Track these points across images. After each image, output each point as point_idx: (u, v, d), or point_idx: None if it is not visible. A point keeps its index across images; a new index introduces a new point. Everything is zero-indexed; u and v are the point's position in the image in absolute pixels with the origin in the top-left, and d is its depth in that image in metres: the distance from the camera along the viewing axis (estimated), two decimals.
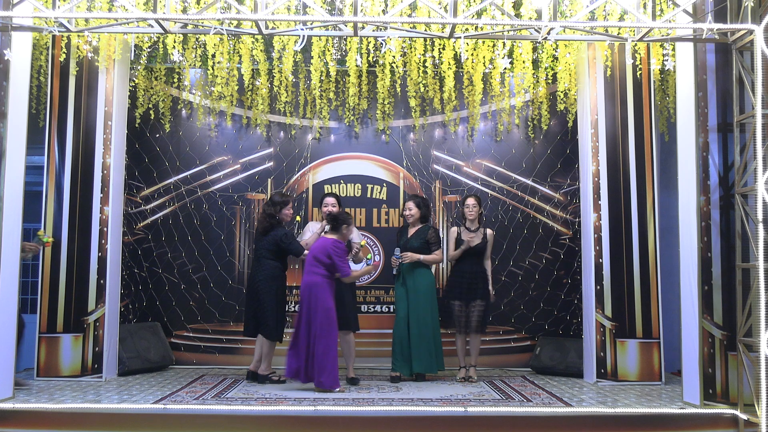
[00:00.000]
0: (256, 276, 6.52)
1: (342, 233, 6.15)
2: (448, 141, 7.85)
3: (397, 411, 5.18)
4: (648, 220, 6.71)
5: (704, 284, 5.52)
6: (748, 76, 5.33)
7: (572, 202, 7.67)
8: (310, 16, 5.76)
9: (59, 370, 6.49)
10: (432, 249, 6.65)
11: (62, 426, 5.01)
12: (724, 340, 5.46)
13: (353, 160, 7.86)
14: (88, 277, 6.59)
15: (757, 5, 5.31)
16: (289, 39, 6.55)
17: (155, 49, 7.01)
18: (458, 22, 5.41)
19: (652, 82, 6.77)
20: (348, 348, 6.46)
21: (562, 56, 6.84)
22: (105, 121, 6.71)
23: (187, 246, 7.67)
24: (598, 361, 6.64)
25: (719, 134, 5.59)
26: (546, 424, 5.10)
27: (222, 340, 7.63)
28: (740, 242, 5.37)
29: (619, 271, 6.70)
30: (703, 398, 5.47)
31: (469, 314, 6.60)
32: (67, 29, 5.60)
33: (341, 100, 7.67)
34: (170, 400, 5.57)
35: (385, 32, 5.96)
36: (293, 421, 5.09)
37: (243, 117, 7.79)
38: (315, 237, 6.51)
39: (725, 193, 5.54)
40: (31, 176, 6.29)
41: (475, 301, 6.60)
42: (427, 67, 6.94)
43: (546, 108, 7.56)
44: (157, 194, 7.69)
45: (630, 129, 6.77)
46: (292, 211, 6.77)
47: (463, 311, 6.61)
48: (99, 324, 6.59)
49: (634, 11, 5.45)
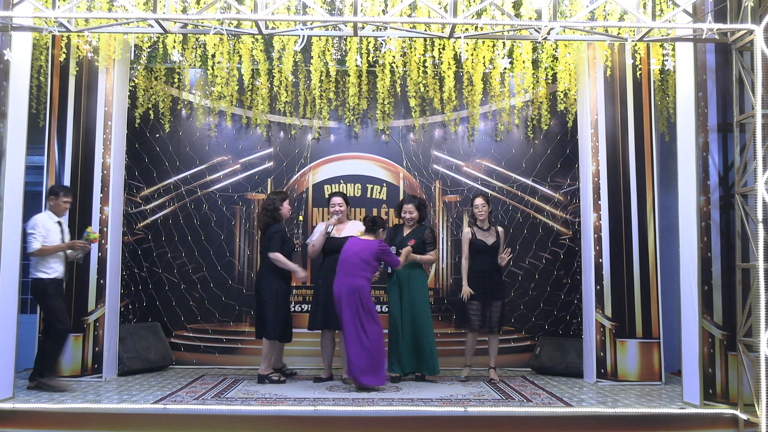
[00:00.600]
0: (258, 274, 6.63)
1: (378, 235, 6.29)
2: (448, 141, 7.85)
3: (397, 411, 5.18)
4: (648, 220, 6.71)
5: (704, 284, 5.53)
6: (748, 76, 5.33)
7: (572, 202, 7.67)
8: (310, 16, 5.76)
9: (59, 370, 6.47)
10: (427, 249, 6.64)
11: (62, 426, 5.01)
12: (724, 340, 5.46)
13: (353, 160, 7.86)
14: (88, 277, 6.59)
15: (757, 5, 5.32)
16: (289, 39, 6.55)
17: (155, 49, 7.02)
18: (458, 22, 5.41)
19: (652, 82, 6.77)
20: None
21: (562, 56, 6.84)
22: (105, 121, 6.71)
23: (187, 246, 7.67)
24: (598, 361, 6.64)
25: (719, 134, 5.59)
26: (546, 424, 5.10)
27: (222, 340, 7.63)
28: (740, 242, 5.37)
29: (619, 271, 6.70)
30: (703, 398, 5.47)
31: (490, 314, 6.58)
32: (67, 29, 5.60)
33: (341, 100, 7.67)
34: (170, 400, 5.57)
35: (385, 32, 5.96)
36: (293, 421, 5.09)
37: (243, 117, 7.79)
38: (321, 238, 6.56)
39: (725, 193, 5.54)
40: (31, 176, 6.29)
41: (495, 301, 6.59)
42: (427, 67, 6.95)
43: (546, 108, 7.56)
44: (157, 194, 7.69)
45: (630, 129, 6.78)
46: (290, 207, 6.78)
47: (480, 311, 6.58)
48: (99, 324, 6.59)
49: (634, 11, 5.45)
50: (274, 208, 6.55)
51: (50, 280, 6.00)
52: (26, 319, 6.49)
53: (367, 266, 6.13)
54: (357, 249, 6.17)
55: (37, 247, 5.95)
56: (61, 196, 6.17)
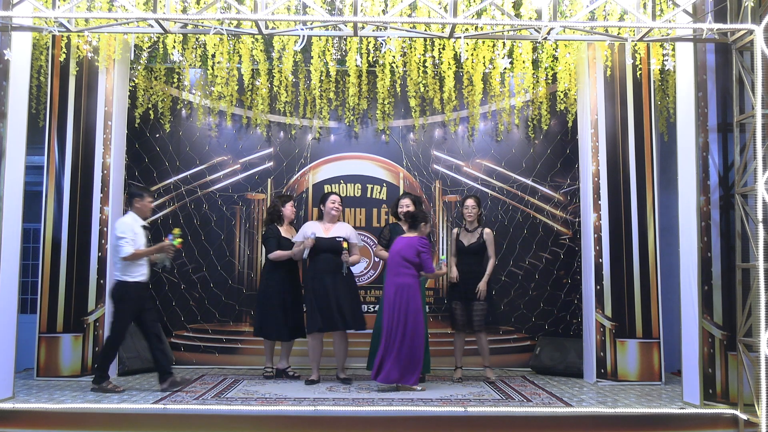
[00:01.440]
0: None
1: (420, 230, 6.16)
2: (448, 141, 7.85)
3: (397, 411, 5.18)
4: (648, 220, 6.71)
5: (704, 284, 5.52)
6: (748, 76, 5.33)
7: (572, 202, 7.67)
8: (310, 16, 5.76)
9: (59, 370, 6.49)
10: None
11: (62, 426, 5.01)
12: (724, 340, 5.46)
13: (353, 160, 7.86)
14: (88, 277, 6.60)
15: (757, 5, 5.31)
16: (289, 39, 6.55)
17: (155, 49, 7.02)
18: (458, 22, 5.41)
19: (652, 82, 6.77)
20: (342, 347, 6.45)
21: (562, 56, 6.84)
22: (105, 121, 6.71)
23: (187, 246, 7.65)
24: (598, 361, 6.64)
25: (719, 134, 5.59)
26: (546, 424, 5.10)
27: (222, 340, 7.63)
28: (740, 242, 5.37)
29: (619, 271, 6.70)
30: (703, 398, 5.47)
31: (471, 315, 6.58)
32: (67, 29, 5.60)
33: (341, 100, 7.67)
34: (170, 400, 5.57)
35: (385, 32, 5.96)
36: (293, 421, 5.09)
37: (243, 117, 7.79)
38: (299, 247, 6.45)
39: (725, 193, 5.54)
40: (31, 176, 6.29)
41: (474, 301, 6.58)
42: (427, 67, 6.94)
43: (546, 108, 7.56)
44: (157, 194, 7.68)
45: (630, 129, 6.77)
46: (293, 208, 6.88)
47: (463, 312, 6.60)
48: (99, 324, 6.59)
49: (634, 11, 5.45)
50: (274, 211, 6.76)
51: (134, 283, 5.95)
52: (26, 319, 6.49)
53: (409, 264, 6.04)
54: (399, 247, 6.14)
55: (130, 251, 5.87)
56: (146, 197, 6.14)
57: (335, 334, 6.40)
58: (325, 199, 6.62)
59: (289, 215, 6.81)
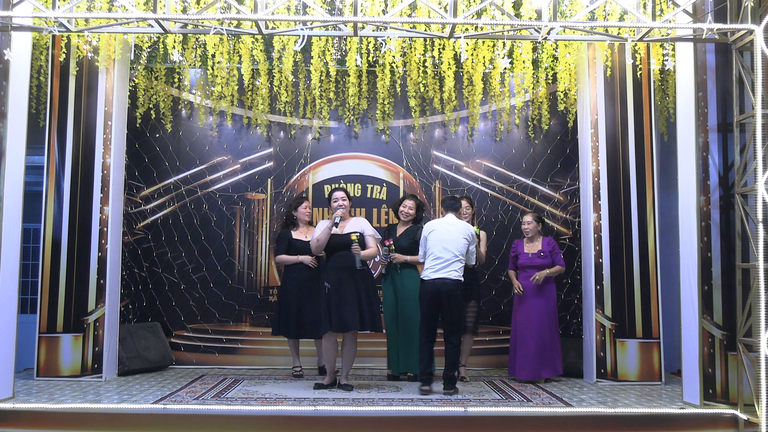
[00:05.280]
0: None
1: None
2: (448, 141, 7.85)
3: (397, 411, 5.18)
4: (648, 219, 6.71)
5: (704, 284, 5.52)
6: (748, 76, 5.33)
7: (572, 202, 7.67)
8: (310, 16, 5.76)
9: (59, 370, 6.49)
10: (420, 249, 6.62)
11: (62, 426, 5.01)
12: (724, 340, 5.46)
13: (353, 160, 7.86)
14: (88, 277, 6.59)
15: (757, 5, 5.32)
16: (289, 39, 6.55)
17: (155, 49, 7.01)
18: (458, 22, 5.41)
19: (652, 82, 6.77)
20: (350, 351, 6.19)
21: (562, 56, 6.84)
22: (105, 121, 6.71)
23: (187, 246, 7.67)
24: (598, 361, 6.64)
25: (719, 134, 5.59)
26: (546, 424, 5.10)
27: (222, 340, 7.63)
28: (740, 242, 5.37)
29: (619, 271, 6.70)
30: (703, 398, 5.47)
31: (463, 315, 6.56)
32: (67, 29, 5.61)
33: (341, 100, 7.67)
34: (170, 400, 5.57)
35: (385, 32, 5.96)
36: (293, 421, 5.09)
37: (243, 117, 7.79)
38: (326, 232, 6.15)
39: (725, 193, 5.54)
40: (31, 176, 6.29)
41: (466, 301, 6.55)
42: (427, 67, 6.94)
43: (546, 108, 7.55)
44: (157, 194, 7.69)
45: (630, 129, 6.77)
46: (306, 210, 6.90)
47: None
48: (99, 324, 6.59)
49: (634, 11, 5.45)
50: (287, 215, 6.96)
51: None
52: (26, 319, 6.49)
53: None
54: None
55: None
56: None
57: (345, 335, 6.12)
58: (330, 197, 6.55)
59: (303, 217, 6.88)
